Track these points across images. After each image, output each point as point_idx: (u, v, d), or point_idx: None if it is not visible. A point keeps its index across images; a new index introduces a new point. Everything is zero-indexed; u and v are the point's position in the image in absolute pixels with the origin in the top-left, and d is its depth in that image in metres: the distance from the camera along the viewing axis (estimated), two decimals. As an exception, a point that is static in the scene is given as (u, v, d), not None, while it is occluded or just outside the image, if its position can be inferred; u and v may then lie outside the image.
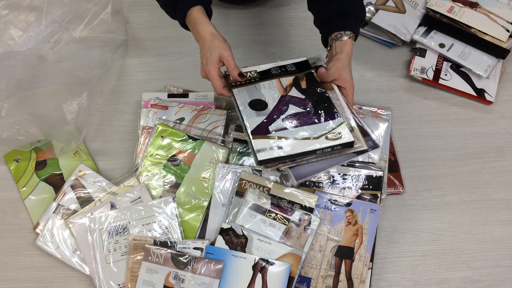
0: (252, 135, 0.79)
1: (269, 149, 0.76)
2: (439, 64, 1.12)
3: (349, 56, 0.85)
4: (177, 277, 0.86)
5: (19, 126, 0.95)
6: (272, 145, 0.77)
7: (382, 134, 1.01)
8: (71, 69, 1.00)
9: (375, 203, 0.94)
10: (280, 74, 0.87)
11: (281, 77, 0.86)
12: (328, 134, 0.78)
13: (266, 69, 0.87)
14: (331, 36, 0.87)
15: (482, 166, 1.05)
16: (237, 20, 1.18)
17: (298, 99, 0.83)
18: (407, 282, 0.94)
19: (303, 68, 0.88)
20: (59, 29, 1.05)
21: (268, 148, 0.77)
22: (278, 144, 0.77)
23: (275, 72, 0.87)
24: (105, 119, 1.07)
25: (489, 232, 0.99)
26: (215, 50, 0.81)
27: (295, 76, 0.86)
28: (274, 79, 0.85)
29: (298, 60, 0.89)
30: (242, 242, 0.88)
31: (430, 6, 1.14)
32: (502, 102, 1.11)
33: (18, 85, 0.96)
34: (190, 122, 1.02)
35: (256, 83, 0.85)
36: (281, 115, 0.81)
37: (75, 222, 0.92)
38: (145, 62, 1.14)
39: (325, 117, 0.80)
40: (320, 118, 0.80)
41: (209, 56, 0.82)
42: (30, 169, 1.00)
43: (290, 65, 0.88)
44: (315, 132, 0.78)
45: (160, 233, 0.91)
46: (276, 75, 0.86)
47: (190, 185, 0.96)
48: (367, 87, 1.12)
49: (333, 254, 0.91)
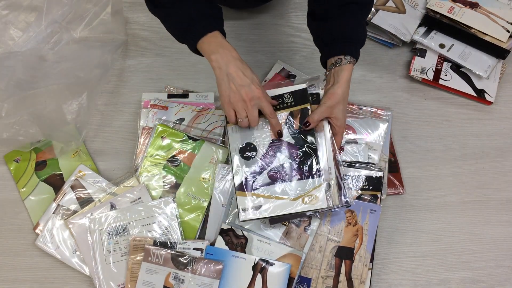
0: (237, 192, 0.84)
1: (250, 209, 0.83)
2: (439, 65, 1.12)
3: (347, 84, 0.83)
4: (177, 277, 0.86)
5: (19, 126, 0.95)
6: (253, 205, 0.83)
7: (382, 135, 1.01)
8: (71, 69, 1.00)
9: (375, 203, 0.94)
10: (276, 107, 0.86)
11: (277, 112, 0.86)
12: (305, 196, 0.83)
13: None
14: (330, 61, 0.85)
15: (482, 166, 1.05)
16: (237, 20, 1.18)
17: (287, 146, 0.86)
18: (407, 283, 0.94)
19: (300, 100, 0.87)
20: (59, 29, 1.05)
21: (249, 208, 0.83)
22: (259, 204, 0.83)
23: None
24: (105, 119, 1.07)
25: (489, 232, 0.99)
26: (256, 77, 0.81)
27: (290, 112, 0.87)
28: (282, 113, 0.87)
29: (297, 88, 0.88)
30: (242, 242, 0.88)
31: (430, 6, 1.14)
32: (502, 102, 1.11)
33: (18, 85, 0.96)
34: (190, 122, 1.02)
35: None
36: (268, 167, 0.85)
37: (75, 222, 0.92)
38: (145, 62, 1.14)
39: (307, 173, 0.84)
40: (302, 174, 0.84)
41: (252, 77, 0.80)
42: (30, 170, 1.00)
43: (288, 95, 0.87)
44: (295, 190, 0.83)
45: (160, 234, 0.91)
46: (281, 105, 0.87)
47: (190, 185, 0.96)
48: (367, 87, 1.12)
49: (333, 254, 0.91)
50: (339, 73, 0.82)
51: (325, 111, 0.83)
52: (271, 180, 0.84)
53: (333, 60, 0.84)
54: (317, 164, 0.84)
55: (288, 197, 0.83)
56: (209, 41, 0.80)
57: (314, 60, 1.13)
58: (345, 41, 0.83)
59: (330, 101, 0.82)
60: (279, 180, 0.84)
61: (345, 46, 0.83)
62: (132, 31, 1.18)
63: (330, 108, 0.83)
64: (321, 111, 0.83)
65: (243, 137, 0.86)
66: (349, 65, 0.82)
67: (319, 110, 0.83)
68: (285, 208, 0.83)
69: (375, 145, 0.99)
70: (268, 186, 0.84)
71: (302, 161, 0.84)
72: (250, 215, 0.83)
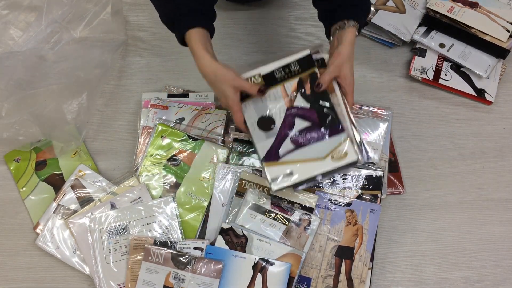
0: (264, 163, 0.82)
1: (281, 177, 0.81)
2: (439, 64, 1.12)
3: (351, 45, 0.83)
4: (177, 277, 0.86)
5: (19, 126, 0.95)
6: (284, 172, 0.81)
7: (382, 134, 1.01)
8: (71, 69, 1.00)
9: (375, 203, 0.94)
10: (284, 77, 0.86)
11: (285, 82, 0.86)
12: (333, 153, 0.81)
13: (270, 71, 0.86)
14: (334, 27, 0.86)
15: (482, 166, 1.05)
16: (237, 20, 1.18)
17: (303, 110, 0.84)
18: (407, 282, 0.94)
19: (307, 66, 0.86)
20: (59, 29, 1.05)
21: (281, 176, 0.81)
22: (289, 170, 0.81)
23: (279, 75, 0.86)
24: (105, 119, 1.07)
25: (489, 232, 0.99)
26: (225, 85, 0.80)
27: (299, 79, 0.86)
28: (279, 86, 0.86)
29: (300, 55, 0.87)
30: (242, 242, 0.88)
31: (430, 6, 1.14)
32: (502, 102, 1.11)
33: (18, 85, 0.96)
34: (190, 122, 1.02)
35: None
36: (289, 134, 0.83)
37: (75, 222, 0.92)
38: (145, 62, 1.14)
39: (330, 131, 0.83)
40: (325, 134, 0.83)
41: (222, 92, 0.81)
42: (30, 169, 1.00)
43: (293, 63, 0.86)
44: (321, 151, 0.82)
45: (160, 233, 0.91)
46: (280, 80, 0.86)
47: (190, 185, 0.96)
48: (367, 87, 1.12)
49: (333, 254, 0.91)
50: (343, 35, 0.84)
51: (334, 70, 0.83)
52: (296, 145, 0.83)
53: (336, 26, 0.85)
54: (337, 121, 0.83)
55: (316, 158, 0.82)
56: (191, 38, 0.81)
57: (314, 60, 1.13)
58: (347, 6, 0.85)
59: (337, 60, 0.83)
60: (303, 144, 0.83)
61: (348, 10, 0.85)
62: (132, 31, 1.18)
63: (337, 67, 0.83)
64: (330, 71, 0.83)
65: (258, 112, 0.85)
66: (352, 28, 0.84)
67: (328, 70, 0.84)
68: (315, 170, 0.81)
69: (375, 145, 1.00)
70: (293, 152, 0.82)
71: (321, 122, 0.83)
72: (282, 183, 0.81)
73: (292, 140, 0.83)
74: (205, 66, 0.80)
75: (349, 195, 0.94)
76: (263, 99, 0.85)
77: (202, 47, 0.80)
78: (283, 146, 0.83)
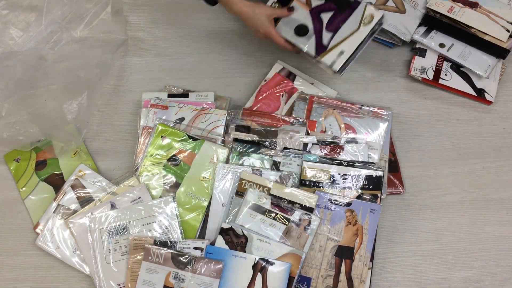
0: (319, 56, 0.99)
1: (336, 58, 0.98)
2: (439, 64, 1.12)
3: None
4: (177, 277, 0.86)
5: (19, 126, 0.95)
6: (336, 53, 0.98)
7: (382, 134, 1.01)
8: (71, 69, 1.00)
9: (375, 203, 0.94)
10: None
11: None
12: (363, 21, 0.98)
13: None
14: None
15: (482, 166, 1.05)
16: (237, 20, 1.18)
17: (322, 6, 1.00)
18: (407, 282, 0.94)
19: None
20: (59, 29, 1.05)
21: (335, 58, 0.98)
22: (339, 50, 0.98)
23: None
24: (105, 119, 1.07)
25: (489, 232, 0.99)
26: (261, 17, 0.97)
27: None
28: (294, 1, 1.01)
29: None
30: (242, 242, 0.88)
31: (430, 6, 1.14)
32: (502, 102, 1.11)
33: (18, 85, 0.96)
34: (190, 122, 1.02)
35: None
36: (323, 27, 0.99)
37: (75, 222, 0.92)
38: (145, 62, 1.14)
39: (351, 8, 0.98)
40: (348, 12, 0.98)
41: (261, 22, 0.97)
42: (30, 169, 1.00)
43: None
44: (353, 24, 0.98)
45: (160, 233, 0.91)
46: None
47: (190, 185, 0.96)
48: (367, 87, 1.12)
49: (333, 254, 0.91)
50: None
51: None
52: (332, 32, 0.98)
53: None
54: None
55: (353, 31, 0.97)
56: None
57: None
58: None
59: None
60: (337, 27, 0.98)
61: None
62: (132, 31, 1.18)
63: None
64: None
65: (290, 26, 1.01)
66: None
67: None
68: (358, 39, 0.97)
69: (375, 145, 1.00)
70: (334, 38, 0.98)
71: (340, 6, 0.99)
72: (340, 62, 0.97)
73: (328, 29, 0.99)
74: (243, 6, 0.97)
75: (349, 195, 0.94)
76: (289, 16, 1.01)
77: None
78: (323, 37, 0.99)
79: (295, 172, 0.96)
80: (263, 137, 0.99)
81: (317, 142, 0.99)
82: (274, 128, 1.01)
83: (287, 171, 0.96)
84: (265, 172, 0.95)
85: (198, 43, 1.16)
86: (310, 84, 1.10)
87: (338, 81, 1.11)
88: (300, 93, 1.08)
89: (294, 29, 1.01)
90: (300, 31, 1.00)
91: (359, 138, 1.00)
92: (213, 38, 1.16)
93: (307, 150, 0.98)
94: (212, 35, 1.16)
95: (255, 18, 0.97)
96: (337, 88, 1.10)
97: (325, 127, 1.03)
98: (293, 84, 1.09)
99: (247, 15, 0.97)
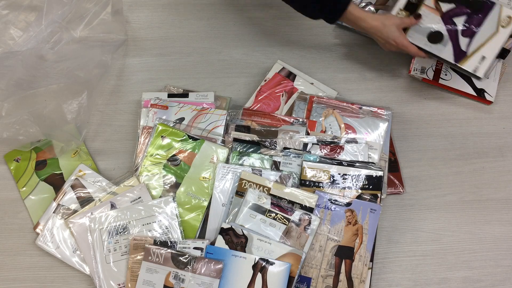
0: (459, 63, 0.97)
1: (478, 64, 0.97)
2: (439, 64, 1.12)
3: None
4: (177, 277, 0.86)
5: (19, 126, 0.95)
6: (478, 59, 0.97)
7: (382, 134, 1.01)
8: (71, 69, 1.00)
9: (375, 203, 0.94)
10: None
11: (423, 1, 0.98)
12: (501, 23, 0.96)
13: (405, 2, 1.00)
14: None
15: (482, 166, 1.05)
16: (237, 20, 1.18)
17: (454, 10, 0.98)
18: (407, 282, 0.94)
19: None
20: (59, 29, 1.05)
21: (477, 63, 0.97)
22: (481, 55, 0.97)
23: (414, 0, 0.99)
24: (105, 119, 1.07)
25: (489, 232, 0.99)
26: (393, 28, 0.96)
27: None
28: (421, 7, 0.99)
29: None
30: (242, 242, 0.88)
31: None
32: (502, 102, 1.11)
33: (18, 85, 0.96)
34: (190, 122, 1.02)
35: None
36: (458, 32, 0.97)
37: (75, 222, 0.92)
38: (145, 62, 1.14)
39: (485, 10, 0.96)
40: (484, 15, 0.96)
41: (392, 34, 0.96)
42: (30, 169, 1.00)
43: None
44: (491, 27, 0.96)
45: (160, 233, 0.91)
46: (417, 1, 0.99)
47: (190, 185, 0.96)
48: (367, 87, 1.12)
49: (333, 254, 0.91)
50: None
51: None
52: (469, 36, 0.97)
53: None
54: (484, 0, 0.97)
55: (492, 34, 0.96)
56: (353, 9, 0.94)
57: (314, 60, 1.14)
58: None
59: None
60: (474, 32, 0.97)
61: None
62: (132, 31, 1.18)
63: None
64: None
65: (422, 34, 0.99)
66: None
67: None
68: (498, 42, 0.96)
69: (375, 145, 1.00)
70: (471, 42, 0.97)
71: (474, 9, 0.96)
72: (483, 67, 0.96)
73: (464, 35, 0.97)
74: (373, 21, 0.95)
75: (349, 195, 0.94)
76: (419, 24, 0.99)
77: (362, 10, 0.95)
78: (461, 43, 0.97)
79: (295, 172, 0.96)
80: (263, 137, 0.99)
81: (317, 142, 0.99)
82: (274, 128, 1.01)
83: (287, 171, 0.96)
84: (265, 172, 0.95)
85: (198, 43, 1.16)
86: (310, 84, 1.10)
87: (338, 81, 1.11)
88: (300, 93, 1.08)
89: (427, 36, 0.99)
90: (434, 38, 0.98)
91: (359, 138, 1.00)
92: (213, 38, 1.16)
93: (307, 150, 0.98)
94: (212, 35, 1.16)
95: (385, 31, 0.96)
96: (337, 88, 1.10)
97: (325, 127, 1.03)
98: (293, 84, 1.09)
99: (377, 29, 0.96)
